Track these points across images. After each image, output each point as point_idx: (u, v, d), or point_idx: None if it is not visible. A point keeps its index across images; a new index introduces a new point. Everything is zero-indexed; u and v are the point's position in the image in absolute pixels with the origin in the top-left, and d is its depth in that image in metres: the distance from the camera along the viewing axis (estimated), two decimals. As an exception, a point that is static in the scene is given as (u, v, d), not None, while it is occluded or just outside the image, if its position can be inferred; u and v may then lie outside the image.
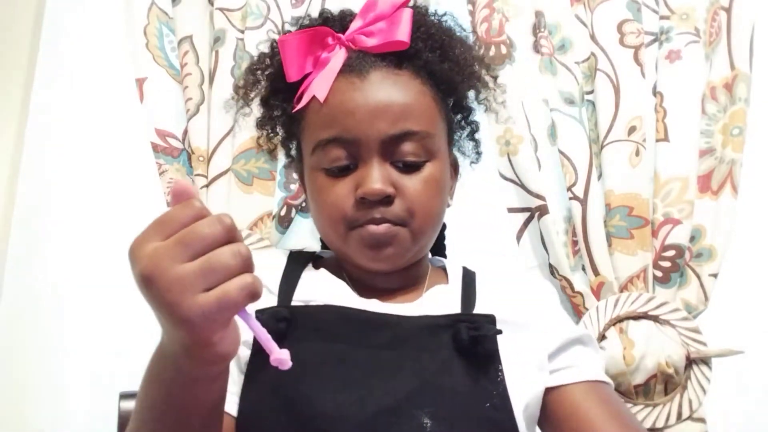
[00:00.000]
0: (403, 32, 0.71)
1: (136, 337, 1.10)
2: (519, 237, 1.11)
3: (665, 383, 1.00)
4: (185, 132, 1.10)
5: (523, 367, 0.69)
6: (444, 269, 0.81)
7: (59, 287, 1.12)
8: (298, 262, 0.77)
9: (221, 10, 1.09)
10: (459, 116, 0.81)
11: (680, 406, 1.00)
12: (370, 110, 0.69)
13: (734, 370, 1.05)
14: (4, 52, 1.20)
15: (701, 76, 1.08)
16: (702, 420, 1.01)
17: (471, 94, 0.82)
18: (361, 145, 0.69)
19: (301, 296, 0.71)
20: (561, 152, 1.07)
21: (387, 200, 0.69)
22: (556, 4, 1.11)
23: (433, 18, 0.78)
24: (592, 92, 1.10)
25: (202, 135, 1.07)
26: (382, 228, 0.69)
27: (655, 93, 1.09)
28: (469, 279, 0.78)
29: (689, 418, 1.00)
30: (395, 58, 0.71)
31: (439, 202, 0.73)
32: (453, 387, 0.64)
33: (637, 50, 1.08)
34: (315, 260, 0.80)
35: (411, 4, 0.74)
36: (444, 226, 0.87)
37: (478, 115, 0.85)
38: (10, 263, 1.12)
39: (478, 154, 0.86)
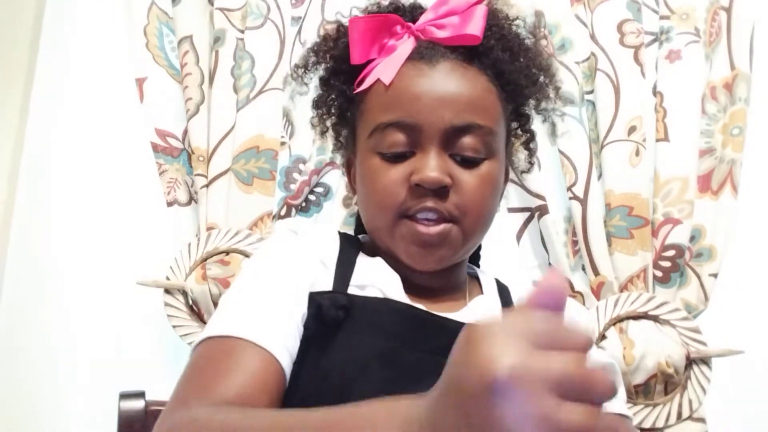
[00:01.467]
0: (476, 27, 0.69)
1: (137, 337, 1.11)
2: (519, 237, 1.11)
3: (665, 383, 1.00)
4: (185, 132, 1.10)
5: None
6: (476, 278, 0.80)
7: (59, 287, 1.12)
8: (351, 243, 0.75)
9: (221, 10, 1.09)
10: (515, 124, 0.79)
11: (680, 406, 1.00)
12: (437, 97, 0.67)
13: (734, 370, 1.05)
14: (4, 52, 1.20)
15: (701, 76, 1.08)
16: (702, 420, 1.01)
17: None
18: (422, 131, 0.67)
19: (358, 281, 0.69)
20: (561, 152, 1.07)
21: (442, 191, 0.67)
22: (556, 4, 1.11)
23: (505, 20, 0.76)
24: (592, 92, 1.10)
25: (202, 135, 1.08)
26: (435, 229, 0.67)
27: (655, 93, 1.09)
28: (505, 293, 0.77)
29: (689, 418, 1.00)
30: (465, 52, 0.70)
31: (493, 202, 0.71)
32: None
33: (637, 50, 1.08)
34: (362, 246, 0.77)
35: (486, 2, 0.73)
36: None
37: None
38: (10, 263, 1.12)
39: (531, 164, 0.84)
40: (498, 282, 0.79)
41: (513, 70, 0.72)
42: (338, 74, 0.76)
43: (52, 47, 1.18)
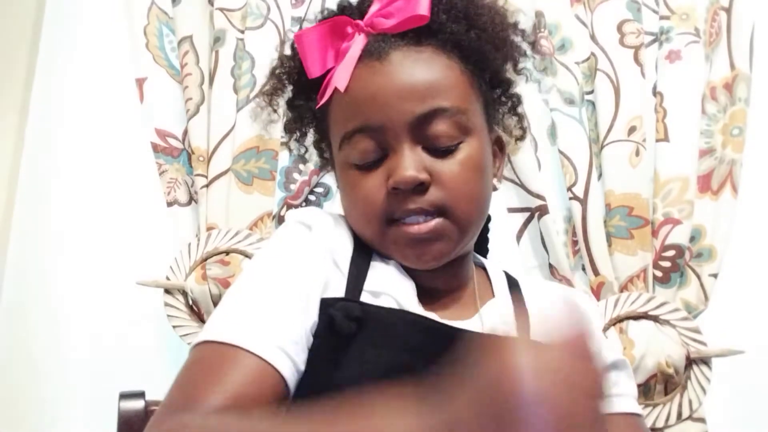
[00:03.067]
0: (422, 6, 0.65)
1: (137, 337, 1.11)
2: (519, 237, 1.11)
3: (665, 383, 1.00)
4: (185, 132, 1.10)
5: None
6: (483, 268, 0.77)
7: (59, 287, 1.12)
8: (364, 243, 0.70)
9: (221, 10, 1.09)
10: (498, 90, 0.74)
11: (680, 406, 1.00)
12: (394, 92, 0.63)
13: (734, 370, 1.05)
14: (4, 51, 1.20)
15: (701, 76, 1.08)
16: (702, 420, 1.01)
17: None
18: (387, 131, 0.64)
19: (371, 287, 0.65)
20: (561, 152, 1.07)
21: (421, 188, 0.63)
22: (556, 4, 1.11)
23: None
24: (592, 92, 1.10)
25: (202, 135, 1.08)
26: (425, 228, 0.64)
27: (655, 93, 1.09)
28: (516, 290, 0.74)
29: (689, 418, 1.00)
30: (415, 35, 0.66)
31: (481, 184, 0.67)
32: None
33: (637, 50, 1.08)
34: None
35: None
36: (489, 218, 0.80)
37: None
38: (10, 263, 1.12)
39: (523, 129, 0.79)
40: (508, 276, 0.76)
41: (472, 38, 0.67)
42: (301, 92, 0.74)
43: (52, 47, 1.18)
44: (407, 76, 0.64)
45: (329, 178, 1.13)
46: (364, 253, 0.69)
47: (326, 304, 0.62)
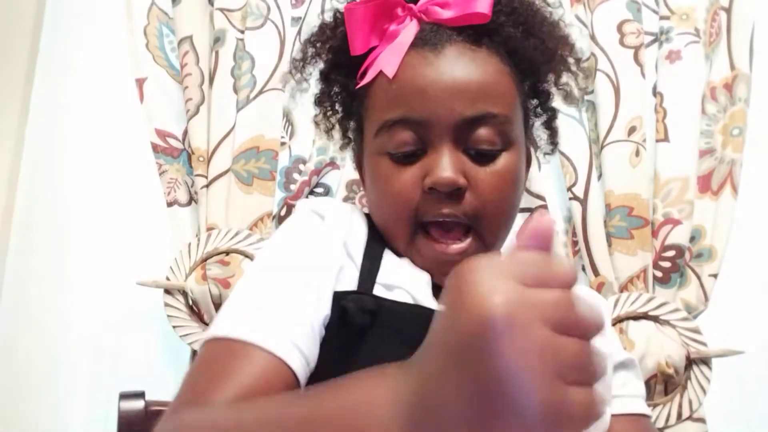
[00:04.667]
0: (483, 4, 0.62)
1: (137, 337, 1.11)
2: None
3: (665, 383, 1.00)
4: (185, 132, 1.10)
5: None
6: None
7: (59, 287, 1.12)
8: (378, 234, 0.68)
9: (221, 10, 1.09)
10: (535, 101, 0.72)
11: (680, 406, 1.00)
12: (445, 88, 0.61)
13: (734, 370, 1.05)
14: (4, 52, 1.20)
15: (701, 76, 1.08)
16: (702, 420, 1.01)
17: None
18: (432, 127, 0.61)
19: (384, 279, 0.64)
20: (561, 152, 1.07)
21: (457, 192, 0.61)
22: (556, 4, 1.11)
23: None
24: (592, 92, 1.10)
25: (202, 135, 1.08)
26: (453, 250, 0.62)
27: (655, 93, 1.09)
28: None
29: (689, 418, 1.00)
30: (473, 33, 0.63)
31: (514, 198, 0.66)
32: None
33: (637, 50, 1.08)
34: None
35: None
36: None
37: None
38: (10, 263, 1.12)
39: (554, 144, 0.77)
40: None
41: (528, 47, 0.65)
42: (339, 67, 0.70)
43: (52, 47, 1.18)
44: (461, 73, 0.61)
45: (330, 178, 1.13)
46: (377, 245, 0.67)
47: (339, 297, 0.60)
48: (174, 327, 1.03)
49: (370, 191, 0.69)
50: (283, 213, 1.08)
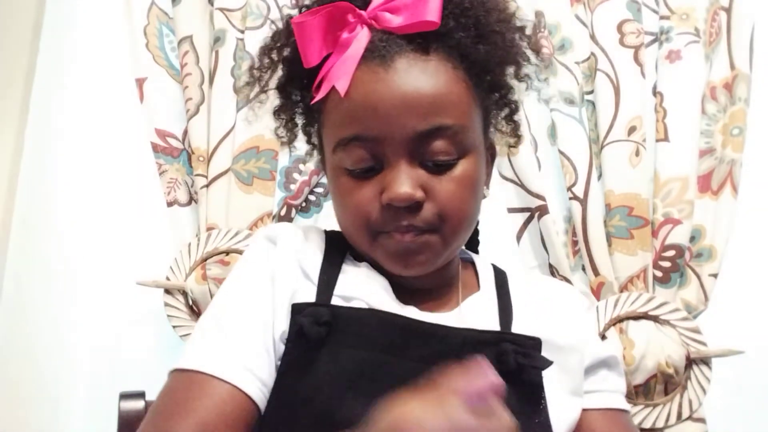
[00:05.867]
0: (431, 10, 0.61)
1: (137, 337, 1.11)
2: (519, 237, 1.11)
3: (665, 383, 1.00)
4: (185, 132, 1.10)
5: (564, 393, 0.67)
6: (472, 263, 0.76)
7: (59, 287, 1.12)
8: (337, 248, 0.70)
9: (221, 10, 1.09)
10: (496, 95, 0.71)
11: (680, 406, 1.00)
12: (396, 105, 0.60)
13: (734, 370, 1.05)
14: (4, 52, 1.20)
15: (701, 76, 1.08)
16: (702, 420, 1.01)
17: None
18: (386, 144, 0.61)
19: (342, 291, 0.65)
20: (561, 152, 1.07)
21: (416, 206, 0.62)
22: (556, 4, 1.11)
23: None
24: (592, 92, 1.10)
25: (202, 135, 1.08)
26: (409, 236, 0.63)
27: (655, 93, 1.09)
28: (502, 283, 0.74)
29: (689, 418, 1.00)
30: (423, 41, 0.62)
31: (474, 202, 0.66)
32: None
33: (637, 50, 1.08)
34: (351, 247, 0.72)
35: None
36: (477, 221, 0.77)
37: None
38: (10, 263, 1.12)
39: (518, 137, 0.77)
40: (495, 268, 0.76)
41: (480, 49, 0.64)
42: (294, 79, 0.70)
43: (52, 47, 1.18)
44: (412, 88, 0.61)
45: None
46: (334, 260, 0.68)
47: (296, 310, 0.62)
48: (174, 327, 1.03)
49: (333, 203, 0.70)
50: (282, 213, 1.08)
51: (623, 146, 1.06)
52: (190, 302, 1.05)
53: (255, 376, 0.60)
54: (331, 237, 0.72)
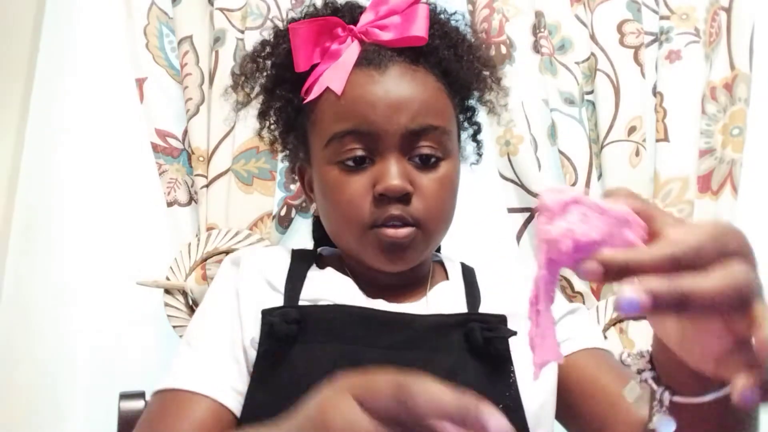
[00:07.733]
0: (420, 27, 0.70)
1: (137, 337, 1.11)
2: (519, 237, 1.11)
3: (665, 383, 1.00)
4: (185, 132, 1.10)
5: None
6: (441, 264, 0.81)
7: (59, 287, 1.12)
8: (302, 260, 0.76)
9: (221, 10, 1.09)
10: (462, 117, 0.80)
11: (680, 406, 1.00)
12: (391, 104, 0.67)
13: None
14: (4, 52, 1.20)
15: (701, 76, 1.08)
16: (702, 420, 1.01)
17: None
18: (380, 138, 0.68)
19: (308, 295, 0.70)
20: (561, 152, 1.07)
21: (405, 198, 0.68)
22: (556, 4, 1.11)
23: (444, 16, 0.77)
24: (592, 92, 1.10)
25: (202, 135, 1.08)
26: (403, 232, 0.68)
27: (655, 93, 1.09)
28: (469, 275, 0.78)
29: (689, 418, 1.00)
30: (411, 54, 0.70)
31: (452, 203, 0.73)
32: (466, 388, 0.63)
33: (637, 50, 1.08)
34: (318, 258, 0.79)
35: (424, 0, 0.73)
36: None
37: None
38: (9, 263, 1.12)
39: (479, 155, 0.85)
40: (463, 265, 0.80)
41: (458, 68, 0.73)
42: (283, 82, 0.76)
43: (52, 47, 1.18)
44: (405, 90, 0.68)
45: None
46: (300, 271, 0.73)
47: (265, 314, 0.66)
48: (174, 327, 1.03)
49: (320, 199, 0.74)
50: (283, 213, 1.08)
51: (623, 146, 1.06)
52: (190, 302, 1.05)
53: (236, 390, 0.65)
54: (296, 253, 0.78)
